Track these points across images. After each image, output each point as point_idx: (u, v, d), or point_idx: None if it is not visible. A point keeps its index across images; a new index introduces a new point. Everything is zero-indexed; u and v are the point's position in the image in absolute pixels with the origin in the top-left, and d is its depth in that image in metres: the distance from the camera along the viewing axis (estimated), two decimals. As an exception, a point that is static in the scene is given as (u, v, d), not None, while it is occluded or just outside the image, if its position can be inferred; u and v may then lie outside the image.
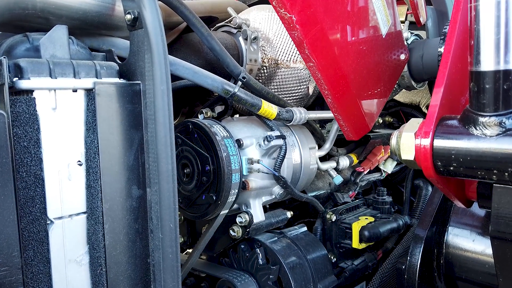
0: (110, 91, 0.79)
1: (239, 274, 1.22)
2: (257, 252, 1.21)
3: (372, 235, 1.46)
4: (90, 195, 0.79)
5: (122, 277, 0.82)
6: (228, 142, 1.07)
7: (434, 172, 0.84)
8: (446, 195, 0.94)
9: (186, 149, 1.10)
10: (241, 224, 1.17)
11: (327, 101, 1.08)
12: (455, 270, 1.17)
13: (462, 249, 1.15)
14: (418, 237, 1.17)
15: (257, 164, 1.10)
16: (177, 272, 0.81)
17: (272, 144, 1.10)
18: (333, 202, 1.66)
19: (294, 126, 1.33)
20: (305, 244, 1.32)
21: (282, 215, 1.33)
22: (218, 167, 1.04)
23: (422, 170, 0.86)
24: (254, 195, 1.18)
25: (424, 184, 1.92)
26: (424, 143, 0.84)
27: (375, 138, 1.81)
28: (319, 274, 1.29)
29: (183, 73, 1.00)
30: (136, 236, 0.84)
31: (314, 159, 1.35)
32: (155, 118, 0.79)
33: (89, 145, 0.78)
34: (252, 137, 1.15)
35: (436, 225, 1.18)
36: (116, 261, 0.81)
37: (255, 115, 1.19)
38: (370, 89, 1.22)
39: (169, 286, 0.81)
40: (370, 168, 1.81)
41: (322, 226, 1.54)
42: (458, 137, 0.80)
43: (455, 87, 0.89)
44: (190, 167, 1.10)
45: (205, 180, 1.06)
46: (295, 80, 1.42)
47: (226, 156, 1.04)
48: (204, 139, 1.06)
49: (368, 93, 1.17)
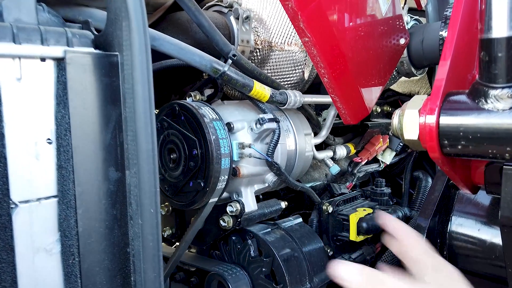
0: (84, 62, 0.71)
1: (230, 267, 1.15)
2: (249, 244, 1.14)
3: (371, 227, 1.39)
4: (61, 176, 0.71)
5: (98, 267, 0.74)
6: (217, 125, 0.99)
7: (440, 152, 0.77)
8: (452, 179, 0.87)
9: (173, 133, 1.03)
10: (232, 213, 1.09)
11: (324, 81, 1.01)
12: (459, 261, 1.10)
13: (467, 240, 1.08)
14: (420, 227, 1.10)
15: (248, 148, 1.03)
16: (158, 262, 0.74)
17: (265, 127, 1.03)
18: (329, 193, 1.59)
19: (288, 111, 1.25)
20: (300, 236, 1.25)
21: (276, 205, 1.25)
22: (206, 151, 0.96)
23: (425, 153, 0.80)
24: (246, 183, 1.11)
25: (423, 176, 1.86)
26: (429, 120, 0.77)
27: (373, 127, 1.74)
28: (315, 267, 1.22)
29: (168, 49, 0.92)
30: (114, 223, 0.76)
31: (310, 146, 1.27)
32: (133, 92, 0.71)
33: (59, 121, 0.70)
34: (244, 121, 1.08)
35: (439, 214, 1.11)
36: (91, 250, 0.73)
37: (247, 97, 1.11)
38: (369, 71, 1.15)
39: (149, 277, 0.74)
40: (368, 158, 1.74)
41: (318, 218, 1.47)
42: (467, 112, 0.73)
43: (462, 62, 0.82)
44: (176, 152, 1.03)
45: (193, 165, 0.98)
46: (290, 64, 1.35)
47: (215, 139, 0.96)
48: (191, 121, 0.99)
49: (367, 75, 1.10)
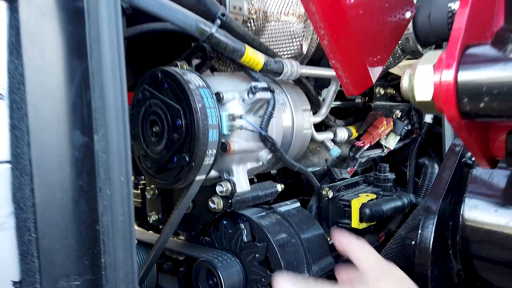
0: (41, 3, 0.61)
1: (220, 254, 1.04)
2: (241, 228, 1.04)
3: (374, 213, 1.29)
4: (15, 138, 0.60)
5: (60, 246, 0.64)
6: (205, 93, 0.88)
7: (458, 113, 0.67)
8: (469, 148, 0.76)
9: (155, 103, 0.92)
10: (222, 193, 0.99)
11: (323, 44, 0.91)
12: (474, 247, 0.99)
13: (482, 223, 0.98)
14: (430, 210, 0.99)
15: (239, 120, 0.92)
16: (130, 240, 0.63)
17: (258, 97, 0.92)
18: (329, 178, 1.48)
19: (285, 85, 1.15)
20: (298, 221, 1.14)
21: (272, 188, 1.15)
22: (192, 121, 0.86)
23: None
24: (237, 160, 1.01)
25: (430, 162, 1.75)
26: (446, 77, 0.66)
27: (376, 108, 1.64)
28: (314, 254, 1.11)
29: (147, 5, 0.82)
30: (80, 195, 0.66)
31: (308, 123, 1.17)
32: (99, 39, 0.61)
33: (12, 74, 0.60)
34: (235, 91, 0.97)
35: (450, 195, 1.01)
36: (51, 225, 0.63)
37: (238, 67, 1.01)
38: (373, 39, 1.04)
39: (120, 256, 0.63)
40: (370, 142, 1.63)
41: (317, 204, 1.37)
42: (491, 64, 0.62)
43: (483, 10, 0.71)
44: (159, 124, 0.92)
45: (176, 137, 0.88)
46: (287, 36, 1.24)
47: (201, 107, 0.86)
48: (175, 88, 0.88)
49: (370, 43, 0.99)
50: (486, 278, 1.03)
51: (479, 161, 0.82)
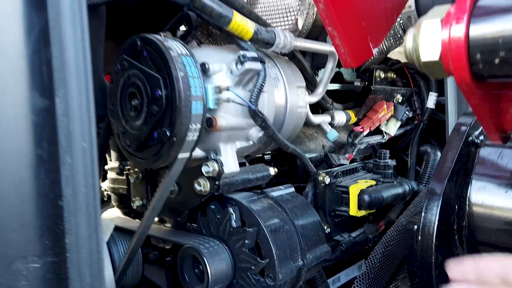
0: None
1: (207, 240, 0.97)
2: (230, 212, 0.96)
3: (374, 200, 1.21)
4: (-40, 97, 0.53)
5: (15, 223, 0.56)
6: (187, 61, 0.80)
7: (470, 74, 0.59)
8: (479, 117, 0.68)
9: (134, 74, 0.84)
10: (208, 174, 0.91)
11: (318, 8, 0.83)
12: (482, 232, 0.91)
13: (492, 206, 0.90)
14: (434, 193, 0.91)
15: (226, 92, 0.84)
16: (94, 215, 0.56)
17: (247, 67, 0.84)
18: (326, 164, 1.40)
19: (278, 59, 1.07)
20: (292, 207, 1.07)
21: (264, 171, 1.07)
22: (172, 91, 0.78)
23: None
24: (225, 139, 0.93)
25: (432, 150, 1.67)
26: (455, 32, 0.58)
27: (376, 91, 1.56)
28: (309, 241, 1.03)
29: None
30: (39, 166, 0.58)
31: (303, 101, 1.09)
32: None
33: (-44, 22, 0.52)
34: (222, 62, 0.89)
35: (456, 176, 0.93)
36: (4, 199, 0.55)
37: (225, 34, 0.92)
38: (372, 9, 0.96)
39: (83, 234, 0.55)
40: (370, 128, 1.55)
41: (313, 191, 1.29)
42: (506, 14, 0.54)
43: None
44: (138, 96, 0.84)
45: (156, 110, 0.80)
46: (281, 10, 1.16)
47: (183, 76, 0.78)
48: (155, 56, 0.80)
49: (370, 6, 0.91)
50: (494, 267, 0.96)
51: (489, 134, 0.74)
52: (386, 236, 1.23)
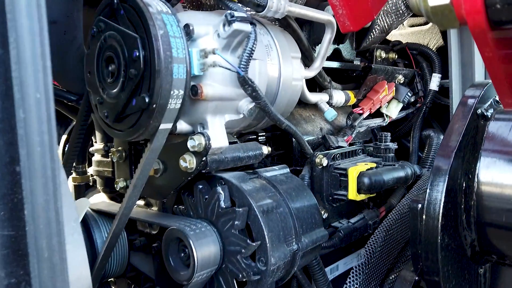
0: None
1: (194, 222, 0.89)
2: (218, 192, 0.88)
3: (374, 183, 1.14)
4: None
5: (-39, 189, 0.49)
6: (168, 19, 0.73)
7: (486, 20, 0.51)
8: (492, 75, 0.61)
9: (110, 35, 0.76)
10: (194, 149, 0.83)
11: (314, -38, 0.75)
12: (491, 212, 0.84)
13: (501, 184, 0.82)
14: (440, 170, 0.84)
15: (212, 56, 0.76)
16: (52, 178, 0.48)
17: (235, 27, 0.77)
18: (324, 147, 1.33)
19: (271, 26, 0.99)
20: (286, 188, 0.99)
21: (256, 149, 0.99)
22: (151, 52, 0.70)
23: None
24: (213, 110, 0.85)
25: (435, 134, 1.60)
26: (468, -31, 0.51)
27: (377, 71, 1.48)
28: (305, 224, 0.96)
29: None
30: (-9, 125, 0.50)
31: (298, 73, 1.01)
32: None
33: None
34: (209, 25, 0.81)
35: (464, 150, 0.85)
36: None
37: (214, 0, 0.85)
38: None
39: (39, 201, 0.48)
40: (370, 109, 1.48)
41: (310, 174, 1.21)
42: None
43: None
44: (115, 60, 0.76)
45: (134, 73, 0.72)
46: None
47: (162, 35, 0.70)
48: (132, 14, 0.73)
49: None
50: (504, 250, 0.88)
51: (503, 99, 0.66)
52: (387, 219, 1.15)
